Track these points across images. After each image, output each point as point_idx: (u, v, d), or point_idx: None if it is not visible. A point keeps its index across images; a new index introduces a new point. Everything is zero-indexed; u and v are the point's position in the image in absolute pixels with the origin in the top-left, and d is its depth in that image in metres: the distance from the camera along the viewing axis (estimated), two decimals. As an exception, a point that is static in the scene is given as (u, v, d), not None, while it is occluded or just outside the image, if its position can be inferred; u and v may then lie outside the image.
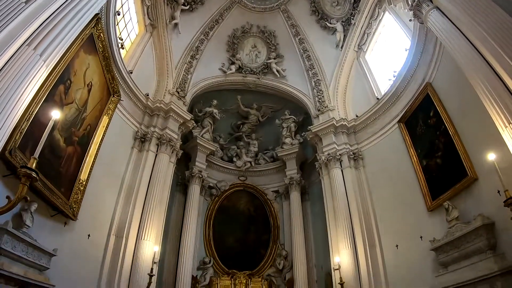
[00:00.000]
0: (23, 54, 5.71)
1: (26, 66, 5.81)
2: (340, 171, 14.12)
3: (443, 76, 10.46)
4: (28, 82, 5.94)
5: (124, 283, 10.85)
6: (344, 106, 15.54)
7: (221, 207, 17.73)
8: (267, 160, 18.86)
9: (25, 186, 3.85)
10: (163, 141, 13.41)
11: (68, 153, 9.11)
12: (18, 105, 5.87)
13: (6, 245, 6.63)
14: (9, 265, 6.67)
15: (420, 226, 10.85)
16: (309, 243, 16.35)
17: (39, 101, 7.29)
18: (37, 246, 7.61)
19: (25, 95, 6.00)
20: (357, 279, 12.08)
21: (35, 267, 7.67)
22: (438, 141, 10.36)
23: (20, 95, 5.82)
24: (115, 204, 11.77)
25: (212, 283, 15.11)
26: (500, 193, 7.39)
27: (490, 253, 7.96)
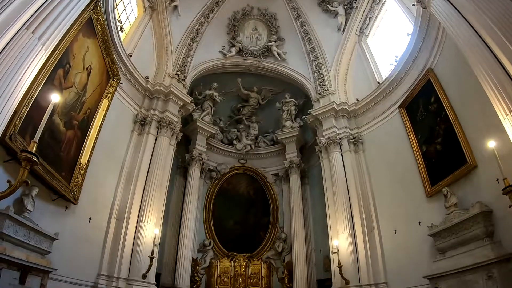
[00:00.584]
0: (21, 38, 5.66)
1: (24, 50, 5.76)
2: (340, 155, 14.12)
3: (445, 63, 10.38)
4: (27, 66, 5.90)
5: (125, 265, 10.98)
6: (344, 90, 15.46)
7: (221, 190, 17.81)
8: (267, 143, 18.86)
9: (26, 170, 3.87)
10: (163, 124, 13.37)
11: (68, 137, 9.11)
12: (17, 90, 5.84)
13: (7, 230, 6.69)
14: (11, 249, 6.74)
15: (419, 212, 10.92)
16: (308, 226, 16.47)
17: (38, 86, 7.25)
18: (38, 230, 7.68)
19: (24, 79, 5.96)
20: (355, 262, 12.22)
21: (37, 251, 7.75)
22: (438, 127, 10.35)
23: (19, 79, 5.78)
24: (116, 187, 11.83)
25: (212, 265, 15.29)
26: (499, 181, 7.42)
27: (487, 240, 8.03)
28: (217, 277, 14.92)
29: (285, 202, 17.43)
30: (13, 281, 6.75)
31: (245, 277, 15.15)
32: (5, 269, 6.49)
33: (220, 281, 14.88)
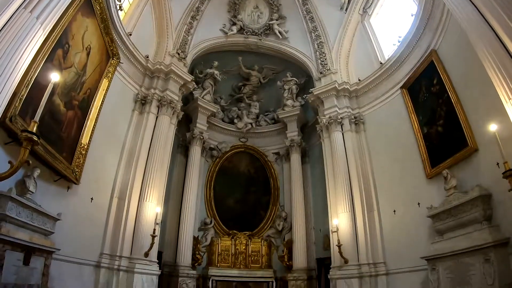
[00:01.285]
0: (19, 18, 5.57)
1: (23, 29, 5.69)
2: (341, 134, 14.11)
3: (449, 44, 10.25)
4: (25, 46, 5.84)
5: (128, 244, 11.13)
6: (346, 69, 15.31)
7: (222, 168, 17.88)
8: (268, 121, 18.82)
9: (27, 150, 3.87)
10: (163, 103, 13.31)
11: (68, 118, 9.10)
12: (16, 70, 5.80)
13: (10, 211, 6.74)
14: (14, 231, 6.81)
15: (418, 193, 10.98)
16: (309, 205, 16.61)
17: (38, 67, 7.19)
18: (41, 211, 7.74)
19: (23, 60, 5.91)
20: (355, 242, 12.37)
21: (40, 232, 7.84)
22: (440, 109, 10.30)
23: (17, 59, 5.73)
24: (117, 167, 11.89)
25: (213, 243, 15.49)
26: (499, 165, 7.45)
27: (485, 224, 8.10)
28: (218, 255, 15.13)
29: (286, 181, 17.52)
30: (17, 262, 6.84)
31: (246, 255, 15.39)
32: (9, 250, 6.58)
33: (221, 258, 15.10)
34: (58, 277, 8.71)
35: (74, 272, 9.54)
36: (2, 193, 6.64)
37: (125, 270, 10.71)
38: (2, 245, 6.40)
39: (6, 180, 6.61)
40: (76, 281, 9.63)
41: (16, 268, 6.81)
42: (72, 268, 9.46)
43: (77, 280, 9.66)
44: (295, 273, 14.52)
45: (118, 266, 10.67)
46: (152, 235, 11.19)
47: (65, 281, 9.10)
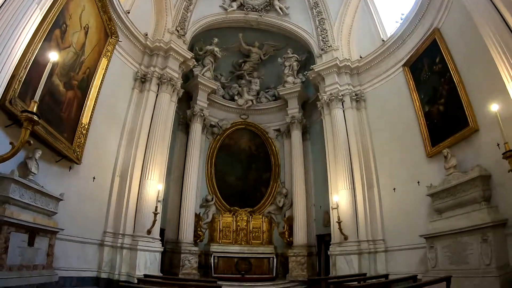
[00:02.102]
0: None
1: (19, 10, 5.68)
2: (342, 112, 14.06)
3: (452, 23, 10.07)
4: (22, 27, 5.83)
5: (130, 222, 11.28)
6: (348, 46, 15.10)
7: (223, 145, 17.92)
8: (268, 98, 18.74)
9: (28, 130, 3.85)
10: (163, 80, 13.21)
11: (68, 98, 9.10)
12: (14, 52, 5.81)
13: (14, 193, 6.83)
14: (18, 213, 6.91)
15: (418, 171, 11.05)
16: (309, 182, 16.69)
17: (36, 48, 7.14)
18: (44, 192, 7.85)
19: (20, 41, 5.90)
20: (354, 218, 12.51)
21: (44, 212, 7.95)
22: (442, 88, 10.25)
23: (15, 41, 5.73)
24: (118, 146, 11.94)
25: (215, 220, 15.66)
26: (500, 146, 7.46)
27: (484, 204, 8.19)
28: (220, 231, 15.33)
29: (286, 158, 17.57)
30: (21, 243, 6.97)
31: (247, 231, 15.58)
32: (13, 232, 6.69)
33: (222, 235, 15.31)
34: (62, 257, 8.91)
35: (78, 251, 9.74)
36: (5, 176, 6.71)
37: (129, 248, 10.87)
38: (6, 227, 6.51)
39: (8, 163, 6.66)
40: (81, 260, 9.84)
41: (21, 249, 6.95)
42: (76, 248, 9.66)
43: (81, 259, 9.86)
44: (296, 249, 14.73)
45: (121, 244, 10.83)
46: (154, 213, 11.32)
47: (69, 260, 9.31)
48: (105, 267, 10.50)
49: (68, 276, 9.14)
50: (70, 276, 9.25)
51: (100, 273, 10.36)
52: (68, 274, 9.14)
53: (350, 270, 11.56)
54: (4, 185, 6.70)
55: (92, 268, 10.23)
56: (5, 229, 6.47)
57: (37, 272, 7.37)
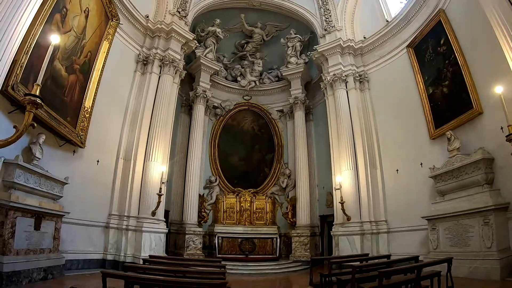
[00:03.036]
0: (14, -18, 5.49)
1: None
2: (345, 92, 13.98)
3: (457, 5, 9.91)
4: (22, 11, 5.78)
5: (135, 204, 11.40)
6: (352, 27, 14.85)
7: (226, 126, 17.93)
8: (271, 79, 18.63)
9: (31, 114, 3.84)
10: (165, 62, 13.11)
11: (70, 82, 9.08)
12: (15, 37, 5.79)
13: (19, 179, 6.91)
14: (23, 197, 7.00)
15: (421, 153, 11.08)
16: (312, 163, 16.80)
17: (36, 33, 7.10)
18: (49, 176, 7.93)
19: (21, 26, 5.87)
20: (357, 199, 12.59)
21: (49, 197, 8.05)
22: (446, 70, 10.16)
23: (15, 26, 5.70)
24: (121, 128, 11.98)
25: (219, 201, 15.79)
26: (503, 129, 7.43)
27: (486, 187, 8.23)
28: (223, 212, 15.46)
29: (290, 139, 17.59)
30: (28, 228, 7.07)
31: (250, 212, 15.71)
32: (19, 217, 6.78)
33: (226, 216, 15.44)
34: (69, 240, 9.06)
35: (84, 234, 9.91)
36: (10, 161, 6.77)
37: (134, 230, 11.02)
38: (12, 212, 6.60)
39: (12, 148, 6.78)
40: (87, 243, 10.02)
41: (27, 233, 7.05)
42: (82, 231, 9.82)
43: (87, 241, 10.04)
44: (299, 229, 14.87)
45: (126, 226, 10.98)
46: (159, 194, 11.38)
47: (75, 243, 9.47)
48: (111, 249, 10.67)
49: (74, 259, 9.34)
50: (76, 259, 9.46)
51: (106, 255, 10.53)
52: (74, 257, 9.34)
53: (352, 251, 11.70)
54: (9, 170, 6.76)
55: (98, 251, 10.39)
56: (11, 214, 6.57)
57: (44, 256, 7.51)
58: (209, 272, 7.46)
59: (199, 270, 7.39)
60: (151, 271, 6.92)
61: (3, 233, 6.35)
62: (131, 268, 6.61)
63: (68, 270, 8.69)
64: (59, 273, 7.92)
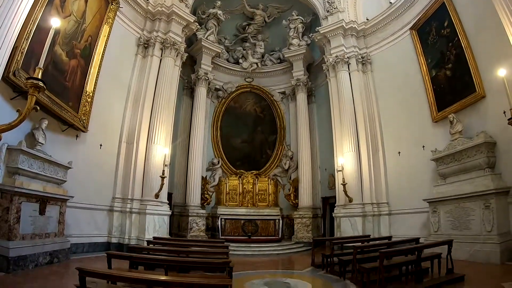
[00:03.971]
0: (12, -33, 5.44)
1: (18, -19, 5.55)
2: (348, 74, 13.88)
3: (461, -14, 9.79)
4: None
5: (138, 187, 11.51)
6: (354, 8, 14.64)
7: (228, 108, 17.91)
8: (273, 61, 18.51)
9: (33, 97, 3.83)
10: (167, 45, 13.03)
11: (71, 67, 9.06)
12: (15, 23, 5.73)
13: (22, 164, 6.98)
14: (28, 183, 7.09)
15: (424, 136, 11.08)
16: (314, 144, 16.83)
17: (36, 19, 7.06)
18: (52, 161, 8.00)
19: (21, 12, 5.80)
20: (359, 181, 12.66)
21: (53, 181, 8.14)
22: (449, 53, 10.08)
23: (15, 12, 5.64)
24: (124, 112, 12.01)
25: (221, 183, 15.85)
26: (506, 113, 7.41)
27: (488, 171, 8.28)
28: (226, 194, 15.53)
29: (292, 120, 17.61)
30: (33, 213, 7.17)
31: (253, 194, 15.77)
32: (24, 202, 6.87)
33: (229, 198, 15.52)
34: (74, 224, 9.21)
35: (88, 218, 10.06)
36: (13, 147, 6.83)
37: (137, 212, 11.16)
38: (17, 197, 6.69)
39: (15, 135, 6.84)
40: (91, 226, 10.18)
41: (33, 218, 7.15)
42: (87, 214, 9.96)
43: (91, 225, 10.20)
44: (301, 211, 14.99)
45: (130, 209, 11.12)
46: (161, 176, 11.48)
47: (80, 227, 9.63)
48: (115, 232, 10.83)
49: (80, 243, 9.51)
50: (81, 243, 9.62)
51: (110, 238, 10.70)
52: (79, 240, 9.50)
53: (354, 232, 11.84)
54: (12, 156, 6.82)
55: (102, 234, 10.55)
56: (16, 199, 6.65)
57: (49, 240, 7.63)
58: (212, 252, 7.60)
59: (202, 251, 7.51)
60: (155, 251, 7.05)
61: (8, 218, 6.45)
62: (135, 249, 6.74)
63: (73, 253, 8.84)
64: (64, 257, 8.07)
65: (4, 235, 6.38)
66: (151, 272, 5.78)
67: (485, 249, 7.69)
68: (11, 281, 5.52)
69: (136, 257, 5.73)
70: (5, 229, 6.41)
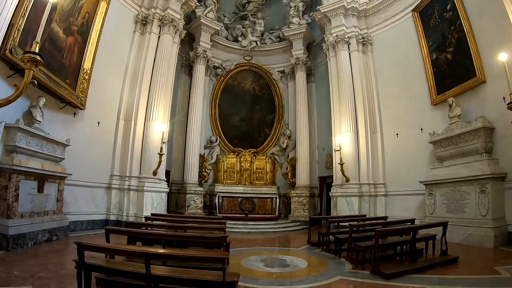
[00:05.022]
0: None
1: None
2: (348, 54, 13.74)
3: (466, -32, 9.60)
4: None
5: (136, 164, 11.56)
6: (356, -13, 14.36)
7: (227, 86, 17.80)
8: (273, 40, 18.28)
9: (31, 71, 3.78)
10: (165, 22, 12.83)
11: (69, 44, 8.94)
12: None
13: (20, 142, 6.97)
14: (26, 160, 7.09)
15: (422, 119, 11.09)
16: (313, 124, 16.84)
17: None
18: (50, 139, 7.99)
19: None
20: (356, 161, 12.74)
21: (51, 159, 8.14)
22: (451, 36, 9.97)
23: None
24: (122, 89, 11.93)
25: (219, 161, 15.96)
26: (506, 99, 7.38)
27: (485, 156, 8.31)
28: (224, 172, 15.67)
29: (291, 99, 17.54)
30: (31, 190, 7.20)
31: (251, 172, 15.93)
32: (23, 180, 6.89)
33: (226, 176, 15.67)
34: (72, 202, 9.28)
35: (87, 196, 10.13)
36: (11, 125, 6.81)
37: (135, 189, 11.24)
38: (16, 175, 6.70)
39: (13, 113, 6.83)
40: (90, 204, 10.26)
41: (31, 196, 7.19)
42: (85, 192, 10.02)
43: (90, 202, 10.28)
44: (298, 190, 15.13)
45: (128, 186, 11.18)
46: (159, 154, 11.49)
47: (79, 205, 9.71)
48: (114, 210, 10.94)
49: (78, 220, 9.61)
50: (80, 220, 9.72)
51: (108, 215, 10.81)
52: (78, 218, 9.60)
53: (350, 212, 11.97)
54: (10, 134, 6.81)
55: (101, 211, 10.66)
56: (15, 177, 6.67)
57: (48, 218, 7.69)
58: (210, 228, 7.69)
59: (200, 226, 7.60)
60: (153, 227, 7.13)
61: (7, 197, 6.48)
62: (133, 225, 6.81)
63: (72, 231, 8.93)
64: (63, 234, 8.15)
65: (3, 214, 6.43)
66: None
67: (479, 233, 7.81)
68: (11, 259, 5.57)
69: (135, 232, 5.80)
70: (4, 208, 6.45)
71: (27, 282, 4.37)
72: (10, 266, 5.12)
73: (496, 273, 5.42)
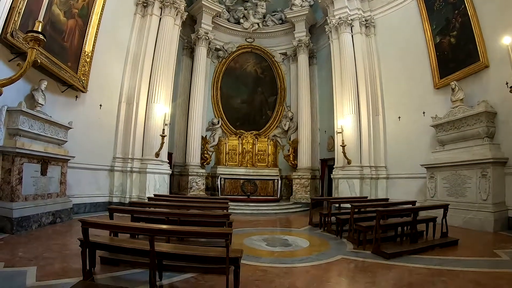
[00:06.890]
0: None
1: None
2: (350, 36, 13.64)
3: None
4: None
5: (138, 146, 11.62)
6: (359, -31, 14.15)
7: (228, 68, 17.72)
8: (275, 22, 18.08)
9: (34, 50, 3.75)
10: (166, 3, 12.70)
11: (69, 27, 8.88)
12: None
13: (23, 125, 6.98)
14: (29, 143, 7.12)
15: (424, 102, 11.06)
16: (315, 106, 16.79)
17: (33, -21, 6.84)
18: (53, 121, 8.00)
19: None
20: (358, 143, 12.77)
21: (54, 142, 8.18)
22: (455, 20, 9.88)
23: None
24: (123, 72, 11.91)
25: (221, 143, 16.00)
26: (508, 84, 7.36)
27: (487, 140, 8.34)
28: (226, 154, 15.74)
29: (293, 82, 17.46)
30: (35, 173, 7.25)
31: (252, 154, 15.98)
32: (26, 163, 6.93)
33: (228, 158, 15.75)
34: (75, 184, 9.36)
35: (90, 178, 10.20)
36: (13, 109, 6.81)
37: (138, 171, 11.31)
38: (19, 158, 6.74)
39: (15, 96, 6.85)
40: (93, 186, 10.34)
41: (34, 179, 7.24)
42: (88, 174, 10.09)
43: (93, 185, 10.36)
44: (300, 172, 15.16)
45: (131, 168, 11.27)
46: (162, 135, 11.56)
47: (82, 187, 9.78)
48: (116, 192, 11.04)
49: (81, 203, 9.71)
50: (83, 203, 9.83)
51: (111, 197, 10.92)
52: (81, 200, 9.70)
53: (351, 194, 12.09)
54: (13, 118, 6.81)
55: (104, 194, 10.77)
56: (18, 160, 6.70)
57: (51, 200, 7.76)
58: (213, 207, 7.78)
59: (202, 206, 7.66)
60: (156, 207, 7.20)
61: (10, 180, 6.53)
62: (136, 204, 6.88)
63: (75, 214, 9.01)
64: (67, 217, 8.24)
65: (7, 197, 6.49)
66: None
67: (479, 217, 7.89)
68: (16, 241, 5.66)
69: (138, 211, 5.87)
70: (8, 191, 6.50)
71: (31, 263, 4.46)
72: (15, 248, 5.20)
73: (495, 255, 5.52)
